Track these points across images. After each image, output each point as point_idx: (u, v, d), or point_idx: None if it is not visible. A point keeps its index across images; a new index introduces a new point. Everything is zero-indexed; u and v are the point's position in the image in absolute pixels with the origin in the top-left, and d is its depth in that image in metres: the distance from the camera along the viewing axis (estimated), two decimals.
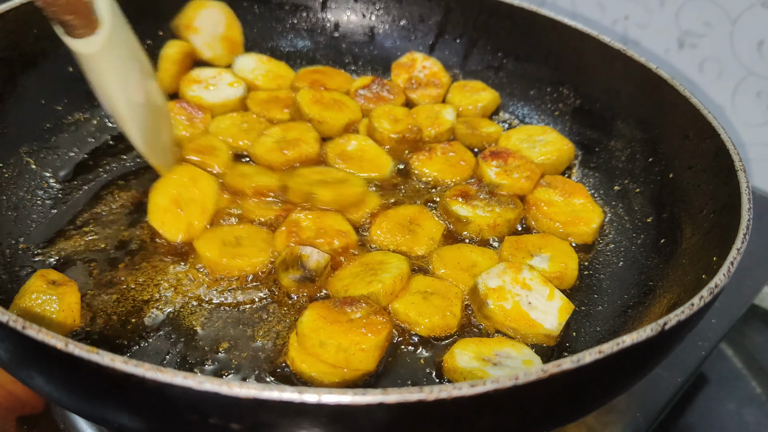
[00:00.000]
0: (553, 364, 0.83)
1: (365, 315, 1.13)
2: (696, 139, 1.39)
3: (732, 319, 1.46)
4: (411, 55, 1.81)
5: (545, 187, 1.48)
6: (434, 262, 1.31)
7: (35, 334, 0.82)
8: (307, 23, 1.87)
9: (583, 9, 2.10)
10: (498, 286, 1.22)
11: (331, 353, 1.08)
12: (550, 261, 1.32)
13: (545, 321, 1.19)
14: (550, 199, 1.46)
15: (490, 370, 1.10)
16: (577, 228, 1.41)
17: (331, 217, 1.35)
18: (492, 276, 1.23)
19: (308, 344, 1.09)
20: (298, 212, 1.35)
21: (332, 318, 1.11)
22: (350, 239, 1.32)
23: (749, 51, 1.89)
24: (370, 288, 1.19)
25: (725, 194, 1.24)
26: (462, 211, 1.39)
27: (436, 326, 1.20)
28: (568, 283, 1.32)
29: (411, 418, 0.81)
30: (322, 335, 1.09)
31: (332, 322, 1.10)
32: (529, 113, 1.76)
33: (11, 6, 1.45)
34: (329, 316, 1.12)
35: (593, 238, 1.43)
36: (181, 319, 1.20)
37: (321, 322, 1.10)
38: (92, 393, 0.87)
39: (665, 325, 0.91)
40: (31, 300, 1.12)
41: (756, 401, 1.42)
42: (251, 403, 0.77)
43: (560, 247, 1.35)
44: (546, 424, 0.99)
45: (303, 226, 1.32)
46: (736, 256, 1.06)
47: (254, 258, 1.28)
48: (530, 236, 1.39)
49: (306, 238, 1.30)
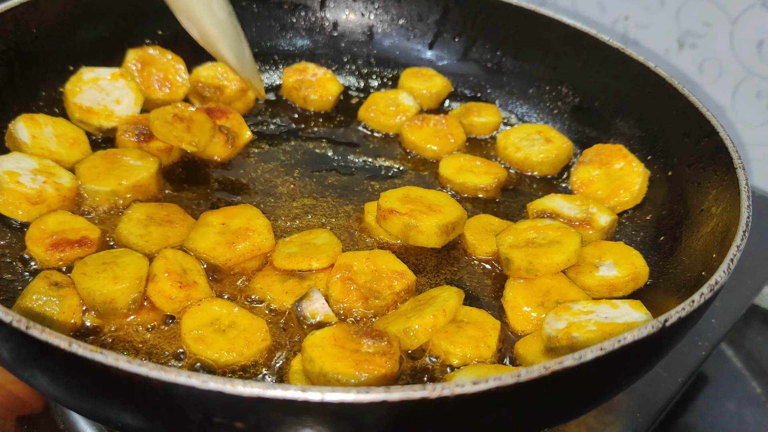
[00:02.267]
0: (554, 361, 0.83)
1: (374, 353, 1.05)
2: (695, 136, 1.39)
3: (732, 319, 1.46)
4: (303, 64, 1.77)
5: (586, 164, 1.51)
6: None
7: (39, 334, 0.82)
8: (306, 22, 1.87)
9: (583, 9, 2.10)
10: (566, 325, 1.13)
11: (314, 373, 1.03)
12: (617, 266, 1.27)
13: (632, 319, 1.13)
14: (589, 177, 1.49)
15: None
16: (621, 196, 1.45)
17: (382, 257, 1.25)
18: (552, 322, 1.14)
19: (303, 355, 1.05)
20: (346, 255, 1.25)
21: (341, 342, 1.05)
22: (409, 279, 1.22)
23: (749, 51, 1.89)
24: (408, 324, 1.13)
25: (724, 192, 1.25)
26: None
27: (467, 357, 1.13)
28: (643, 280, 1.28)
29: (414, 416, 0.81)
30: (315, 352, 1.03)
31: (336, 346, 1.05)
32: (528, 111, 1.76)
33: (11, 6, 1.45)
34: (341, 339, 1.06)
35: (642, 197, 1.46)
36: None
37: (328, 340, 1.05)
38: (96, 392, 0.87)
39: (666, 321, 0.91)
40: (32, 301, 1.12)
41: (756, 401, 1.42)
42: (255, 402, 0.77)
43: (618, 250, 1.31)
44: (548, 421, 1.00)
45: (356, 270, 1.22)
46: (735, 253, 1.06)
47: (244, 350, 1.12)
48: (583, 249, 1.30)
49: (363, 283, 1.20)
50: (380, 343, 1.06)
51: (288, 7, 1.85)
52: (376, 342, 1.06)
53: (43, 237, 1.24)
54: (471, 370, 1.10)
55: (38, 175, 1.32)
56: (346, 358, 1.03)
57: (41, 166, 1.33)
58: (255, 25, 1.84)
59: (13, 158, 1.33)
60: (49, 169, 1.34)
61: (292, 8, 1.86)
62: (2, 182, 1.28)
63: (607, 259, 1.29)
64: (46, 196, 1.30)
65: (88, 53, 1.60)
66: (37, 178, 1.31)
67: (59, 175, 1.33)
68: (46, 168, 1.34)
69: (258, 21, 1.84)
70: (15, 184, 1.28)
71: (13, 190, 1.28)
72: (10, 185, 1.28)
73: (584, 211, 1.39)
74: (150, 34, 1.69)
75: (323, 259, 1.25)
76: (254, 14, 1.84)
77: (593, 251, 1.31)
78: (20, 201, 1.28)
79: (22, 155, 1.35)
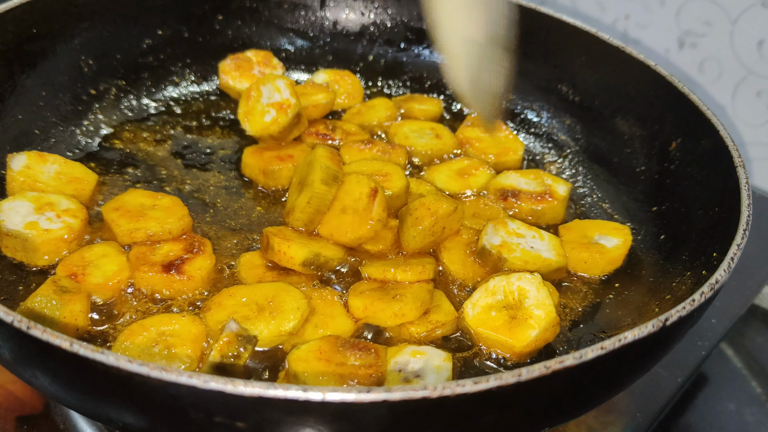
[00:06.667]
0: (555, 360, 0.83)
1: (361, 365, 1.04)
2: (695, 135, 1.39)
3: (732, 319, 1.46)
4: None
5: (470, 127, 1.65)
6: None
7: (40, 334, 0.82)
8: (306, 22, 1.87)
9: (583, 8, 2.10)
10: (501, 241, 1.29)
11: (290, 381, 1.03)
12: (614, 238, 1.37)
13: (551, 256, 1.30)
14: (478, 135, 1.62)
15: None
16: (508, 157, 1.59)
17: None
18: (490, 236, 1.30)
19: (288, 370, 1.04)
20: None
21: (327, 356, 1.04)
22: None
23: (749, 51, 1.89)
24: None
25: (725, 190, 1.25)
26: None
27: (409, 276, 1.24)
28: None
29: (415, 416, 0.81)
30: (299, 367, 1.03)
31: (321, 360, 1.04)
32: (527, 110, 1.76)
33: (11, 6, 1.45)
34: (327, 352, 1.05)
35: (521, 165, 1.61)
36: None
37: (313, 354, 1.04)
38: (96, 392, 0.87)
39: (666, 321, 0.92)
40: (33, 302, 1.11)
41: (756, 401, 1.42)
42: (256, 402, 0.77)
43: (610, 226, 1.41)
44: (549, 421, 1.00)
45: None
46: (736, 252, 1.06)
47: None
48: (579, 223, 1.42)
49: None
50: (367, 355, 1.05)
51: (288, 6, 1.85)
52: (363, 354, 1.05)
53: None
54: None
55: (46, 212, 1.26)
56: (331, 373, 1.02)
57: (37, 203, 1.27)
58: (255, 25, 1.84)
59: (10, 209, 1.25)
60: (46, 201, 1.28)
61: (292, 8, 1.86)
62: (33, 238, 1.21)
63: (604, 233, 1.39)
64: (74, 228, 1.26)
65: (88, 53, 1.60)
66: (48, 215, 1.26)
67: (58, 203, 1.28)
68: (42, 201, 1.28)
69: (258, 21, 1.84)
70: (44, 232, 1.23)
71: (49, 241, 1.22)
72: (45, 237, 1.22)
73: (541, 184, 1.47)
74: (150, 34, 1.70)
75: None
76: (254, 14, 1.84)
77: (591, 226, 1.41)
78: (59, 245, 1.24)
79: (12, 200, 1.27)
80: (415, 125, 1.65)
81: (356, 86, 1.77)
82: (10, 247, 1.24)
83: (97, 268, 1.20)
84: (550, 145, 1.71)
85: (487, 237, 1.30)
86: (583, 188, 1.60)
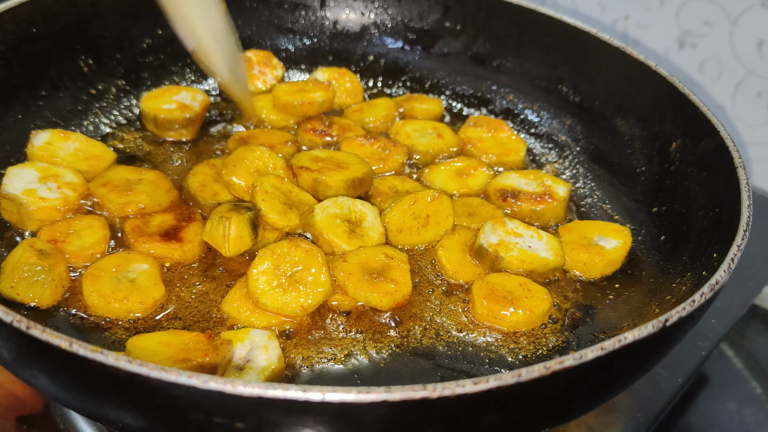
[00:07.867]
0: (555, 361, 0.83)
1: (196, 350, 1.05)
2: (695, 136, 1.39)
3: (732, 319, 1.46)
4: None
5: (473, 127, 1.65)
6: None
7: (39, 334, 0.82)
8: (306, 21, 1.87)
9: (584, 8, 2.10)
10: (498, 240, 1.31)
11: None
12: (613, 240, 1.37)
13: (549, 255, 1.32)
14: (480, 136, 1.63)
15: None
16: (510, 157, 1.59)
17: None
18: (488, 234, 1.32)
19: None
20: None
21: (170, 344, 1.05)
22: None
23: (749, 51, 1.89)
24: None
25: (725, 191, 1.25)
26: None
27: None
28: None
29: (415, 416, 0.81)
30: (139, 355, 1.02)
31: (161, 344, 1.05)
32: (527, 110, 1.76)
33: (11, 6, 1.45)
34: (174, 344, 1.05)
35: (523, 165, 1.62)
36: None
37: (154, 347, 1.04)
38: (96, 392, 0.87)
39: (666, 321, 0.91)
40: (22, 272, 1.14)
41: (756, 401, 1.42)
42: (255, 402, 0.77)
43: (610, 227, 1.41)
44: (549, 421, 0.99)
45: None
46: (736, 253, 1.06)
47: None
48: (579, 224, 1.42)
49: None
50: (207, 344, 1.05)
51: (288, 6, 1.85)
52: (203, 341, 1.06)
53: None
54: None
55: (48, 182, 1.31)
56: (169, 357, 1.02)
57: (43, 173, 1.32)
58: (255, 25, 1.84)
59: (16, 175, 1.31)
60: (52, 172, 1.33)
61: (292, 7, 1.86)
62: (28, 204, 1.26)
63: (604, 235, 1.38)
64: (69, 200, 1.30)
65: (88, 53, 1.60)
66: (50, 185, 1.30)
67: (63, 175, 1.33)
68: (49, 172, 1.33)
69: (258, 20, 1.84)
70: (39, 200, 1.27)
71: (43, 209, 1.27)
72: (39, 204, 1.27)
73: (541, 185, 1.48)
74: (150, 34, 1.70)
75: None
76: (254, 14, 1.84)
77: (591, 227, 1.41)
78: (52, 214, 1.28)
79: (21, 167, 1.33)
80: (418, 124, 1.66)
81: (355, 85, 1.78)
82: (7, 209, 1.30)
83: (79, 238, 1.25)
84: (550, 145, 1.71)
85: (485, 235, 1.32)
86: (584, 189, 1.59)
